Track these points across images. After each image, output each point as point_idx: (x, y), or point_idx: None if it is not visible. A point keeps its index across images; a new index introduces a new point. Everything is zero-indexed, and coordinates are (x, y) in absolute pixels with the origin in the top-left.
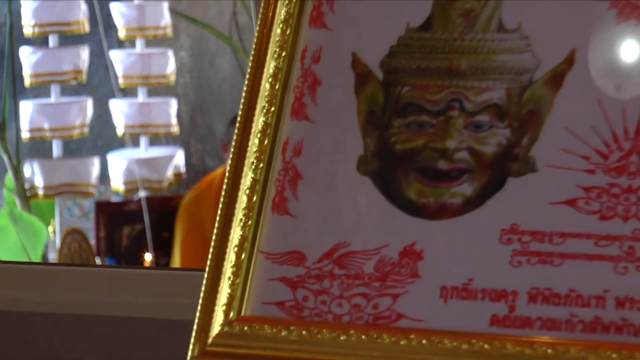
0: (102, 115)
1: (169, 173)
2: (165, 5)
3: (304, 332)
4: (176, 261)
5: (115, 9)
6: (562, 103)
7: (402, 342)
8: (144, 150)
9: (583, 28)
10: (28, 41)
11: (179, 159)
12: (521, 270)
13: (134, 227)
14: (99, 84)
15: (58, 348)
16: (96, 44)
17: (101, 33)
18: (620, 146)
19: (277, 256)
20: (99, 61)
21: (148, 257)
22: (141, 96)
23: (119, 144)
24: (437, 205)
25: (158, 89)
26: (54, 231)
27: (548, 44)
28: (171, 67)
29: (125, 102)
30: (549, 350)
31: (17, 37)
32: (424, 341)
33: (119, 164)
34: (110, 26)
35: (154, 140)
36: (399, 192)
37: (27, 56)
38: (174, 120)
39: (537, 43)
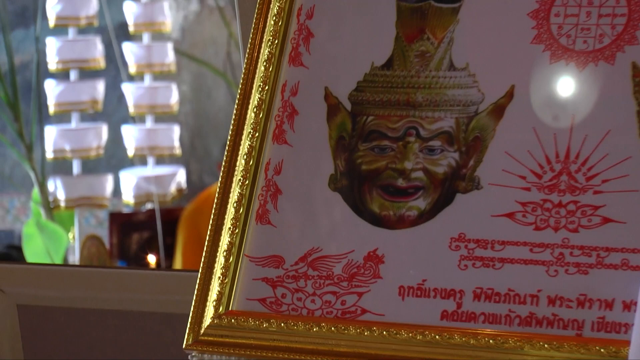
0: (115, 139)
1: (172, 188)
2: (170, 45)
3: (282, 324)
4: (178, 263)
5: (127, 49)
6: (502, 131)
7: (365, 333)
8: (151, 169)
9: (521, 67)
10: (52, 75)
11: (181, 176)
12: (467, 272)
13: (141, 235)
14: (113, 112)
15: (76, 337)
16: (110, 78)
17: (120, 67)
18: (552, 168)
19: (259, 259)
20: (113, 93)
21: (151, 259)
22: (149, 123)
23: (129, 163)
24: (396, 217)
25: (163, 117)
26: (73, 237)
27: (491, 81)
28: (174, 98)
29: (135, 128)
30: (491, 341)
31: (42, 72)
32: (384, 332)
33: (129, 180)
34: (122, 63)
35: (160, 160)
36: (364, 206)
37: (52, 88)
38: (176, 144)
39: (482, 80)
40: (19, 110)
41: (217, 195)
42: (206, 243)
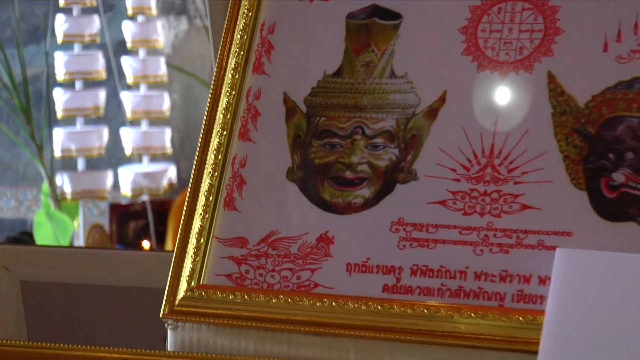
0: (115, 140)
1: (164, 183)
2: (162, 60)
3: (245, 297)
4: (169, 247)
5: (125, 62)
6: (436, 130)
7: (317, 304)
8: (146, 166)
9: (452, 75)
10: (60, 85)
11: (172, 172)
12: (405, 251)
13: (137, 223)
14: (113, 117)
15: (74, 311)
16: (110, 87)
17: (115, 80)
18: (479, 162)
19: (226, 240)
20: (113, 100)
21: (146, 244)
22: (144, 126)
23: (127, 161)
24: (344, 204)
25: (156, 121)
26: (78, 225)
27: (426, 87)
28: (166, 105)
29: (132, 131)
30: (425, 311)
31: (51, 82)
32: (333, 303)
33: (127, 175)
34: (121, 75)
35: (153, 159)
36: (316, 194)
37: (59, 96)
38: (168, 145)
39: (419, 86)
40: (31, 115)
41: (190, 185)
42: (180, 226)
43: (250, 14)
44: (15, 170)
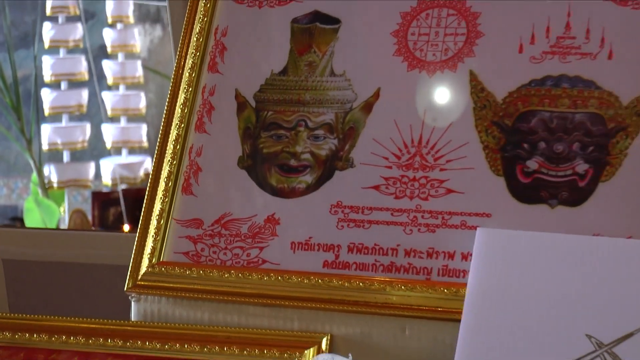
0: (97, 135)
1: (141, 173)
2: (139, 62)
3: (201, 272)
4: None
5: (106, 65)
6: (371, 122)
7: (265, 278)
8: (124, 158)
9: (385, 74)
10: (47, 85)
11: (148, 164)
12: (343, 231)
13: (117, 208)
14: (95, 114)
15: (56, 284)
16: (92, 87)
17: (95, 81)
18: (408, 151)
19: (184, 222)
20: (94, 99)
21: (126, 227)
22: (123, 122)
23: (107, 153)
24: (289, 189)
25: (134, 118)
26: (64, 211)
27: (362, 84)
28: (143, 103)
29: (112, 126)
30: (361, 284)
31: (39, 83)
32: (279, 277)
33: (107, 166)
34: (102, 76)
35: (131, 151)
36: (264, 180)
37: (47, 95)
38: (144, 139)
39: (355, 83)
40: (21, 112)
41: (152, 172)
42: (143, 209)
43: (205, 19)
44: (7, 161)
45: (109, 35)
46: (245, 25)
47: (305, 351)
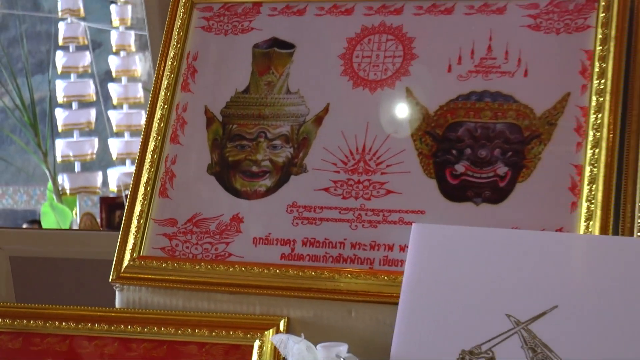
0: (104, 148)
1: None
2: (140, 85)
3: (175, 264)
4: None
5: (111, 88)
6: (321, 133)
7: (230, 269)
8: (128, 168)
9: (334, 91)
10: (60, 105)
11: None
12: (298, 227)
13: (122, 212)
14: (102, 130)
15: (55, 277)
16: (99, 107)
17: (101, 101)
18: (354, 157)
19: (160, 221)
20: (101, 117)
21: None
22: (126, 137)
23: (113, 164)
24: (251, 192)
25: (136, 133)
26: (76, 214)
27: (314, 100)
28: (143, 120)
29: (117, 140)
30: (313, 273)
31: (53, 104)
32: (243, 268)
33: (113, 175)
34: (108, 97)
35: (134, 162)
36: (230, 184)
37: (60, 114)
38: None
39: (308, 99)
40: (37, 129)
41: (133, 178)
42: (125, 210)
43: (178, 45)
44: (26, 172)
45: (113, 62)
46: (213, 50)
47: (266, 332)
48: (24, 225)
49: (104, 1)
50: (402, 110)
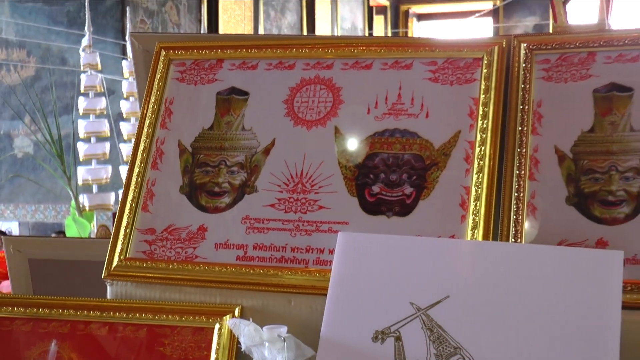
0: (116, 174)
1: None
2: None
3: (154, 265)
4: None
5: (122, 126)
6: (269, 162)
7: (197, 268)
8: None
9: (278, 128)
10: (82, 140)
11: None
12: (250, 235)
13: None
14: (115, 159)
15: (67, 277)
16: (113, 141)
17: (115, 137)
18: (294, 180)
19: (143, 230)
20: (115, 149)
21: None
22: None
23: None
24: (214, 207)
25: None
26: (94, 226)
27: (263, 136)
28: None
29: (127, 168)
30: (261, 271)
31: (76, 139)
32: (207, 267)
33: None
34: (120, 133)
35: None
36: (197, 202)
37: (81, 147)
38: None
39: (259, 135)
40: (63, 159)
41: (121, 196)
42: (114, 222)
43: (158, 92)
44: (54, 193)
45: (124, 105)
46: (185, 96)
47: (224, 317)
48: (52, 235)
49: (117, 58)
50: (331, 144)
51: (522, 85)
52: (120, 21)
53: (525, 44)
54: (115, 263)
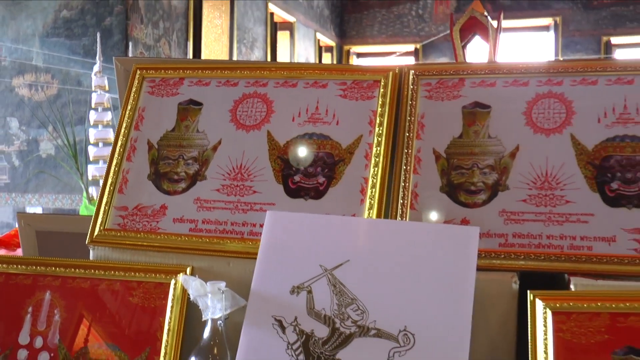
0: None
1: None
2: None
3: (126, 234)
4: None
5: None
6: (217, 156)
7: (159, 237)
8: None
9: (225, 132)
10: (92, 144)
11: None
12: (200, 212)
13: None
14: None
15: (67, 245)
16: None
17: None
18: (234, 171)
19: (119, 208)
20: None
21: None
22: None
23: None
24: (173, 191)
25: None
26: None
27: (213, 137)
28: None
29: None
30: (208, 240)
31: (87, 144)
32: (166, 237)
33: None
34: None
35: None
36: (160, 186)
37: (91, 150)
38: None
39: (209, 136)
40: (77, 159)
41: (102, 182)
42: (97, 200)
43: (134, 102)
44: (70, 186)
45: None
46: (154, 106)
47: (178, 275)
48: None
49: None
50: (264, 144)
51: (410, 102)
52: (124, 53)
53: (413, 71)
54: (96, 232)
